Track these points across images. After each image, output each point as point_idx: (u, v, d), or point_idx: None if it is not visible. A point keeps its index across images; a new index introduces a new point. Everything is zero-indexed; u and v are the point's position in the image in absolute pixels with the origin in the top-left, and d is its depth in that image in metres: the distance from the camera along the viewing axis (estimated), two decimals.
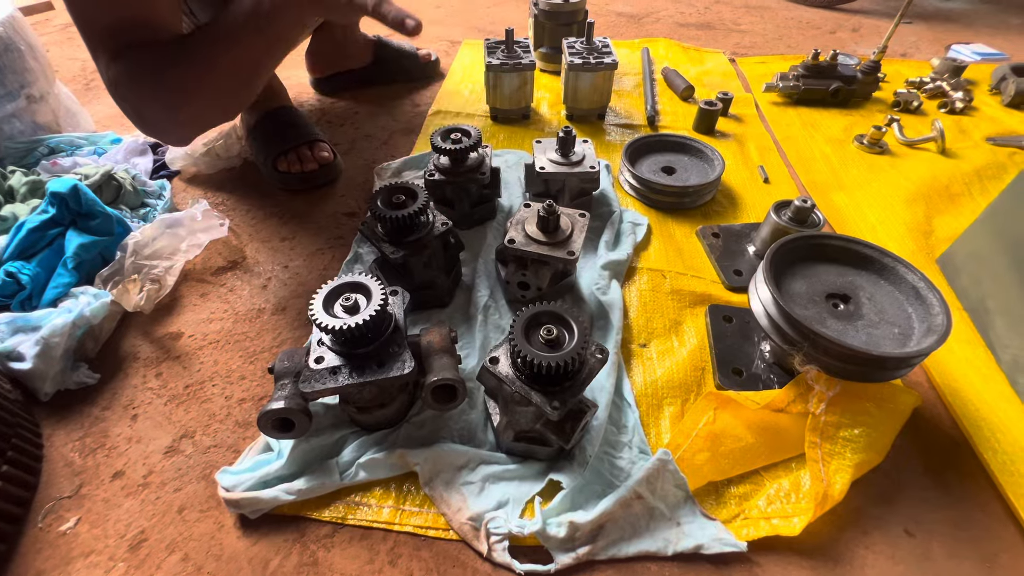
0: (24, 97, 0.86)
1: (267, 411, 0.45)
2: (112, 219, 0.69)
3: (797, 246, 0.57)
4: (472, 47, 1.36)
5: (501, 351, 0.47)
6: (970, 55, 1.29)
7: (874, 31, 1.49)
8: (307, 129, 0.89)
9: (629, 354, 0.61)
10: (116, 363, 0.61)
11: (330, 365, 0.46)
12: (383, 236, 0.59)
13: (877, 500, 0.49)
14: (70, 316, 0.57)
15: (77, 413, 0.57)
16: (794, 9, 1.67)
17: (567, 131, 0.73)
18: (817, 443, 0.49)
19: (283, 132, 0.87)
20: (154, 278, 0.66)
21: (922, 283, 0.53)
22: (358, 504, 0.48)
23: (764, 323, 0.53)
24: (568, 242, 0.61)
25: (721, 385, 0.57)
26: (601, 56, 0.95)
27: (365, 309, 0.45)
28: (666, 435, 0.54)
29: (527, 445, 0.50)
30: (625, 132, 1.01)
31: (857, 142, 0.97)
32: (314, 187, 0.88)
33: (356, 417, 0.52)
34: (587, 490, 0.48)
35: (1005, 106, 1.08)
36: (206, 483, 0.51)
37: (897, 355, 0.47)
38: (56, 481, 0.51)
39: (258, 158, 0.89)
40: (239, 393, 0.59)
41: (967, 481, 0.51)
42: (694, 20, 1.58)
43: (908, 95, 1.07)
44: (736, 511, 0.48)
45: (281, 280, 0.72)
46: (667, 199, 0.81)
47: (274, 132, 0.88)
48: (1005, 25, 1.54)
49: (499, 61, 0.95)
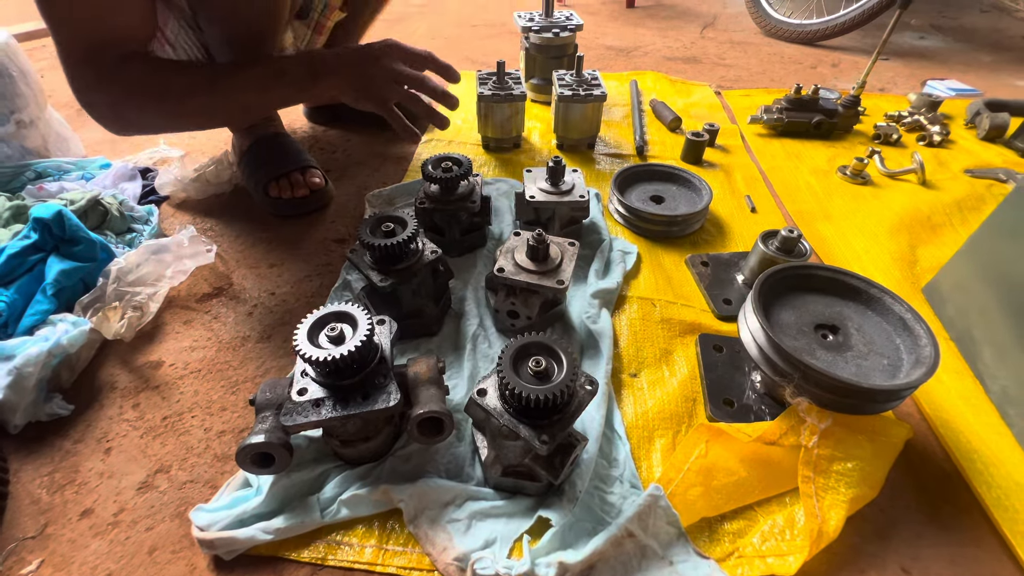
0: (14, 122, 0.85)
1: (246, 445, 0.43)
2: (96, 245, 0.68)
3: (785, 276, 0.58)
4: (465, 77, 1.38)
5: (489, 383, 0.46)
6: (945, 91, 1.34)
7: (853, 67, 1.55)
8: (299, 155, 0.89)
9: (620, 384, 0.61)
10: (92, 393, 0.59)
11: (313, 397, 0.45)
12: (372, 264, 0.59)
13: (872, 537, 0.48)
14: (46, 345, 0.56)
15: (48, 446, 0.54)
16: (776, 45, 1.74)
17: (556, 161, 0.74)
18: (811, 477, 0.48)
19: (275, 158, 0.88)
20: (136, 305, 0.65)
21: (909, 314, 0.53)
22: (339, 543, 0.46)
23: (754, 353, 0.53)
24: (558, 271, 0.61)
25: (712, 416, 0.57)
26: (590, 88, 0.97)
27: (350, 340, 0.44)
28: (657, 468, 0.52)
29: (516, 480, 0.48)
30: (615, 161, 1.03)
31: (840, 173, 1.00)
32: (305, 213, 0.87)
33: (339, 451, 0.50)
34: (577, 527, 0.47)
35: (981, 139, 1.11)
36: (180, 521, 0.48)
37: (888, 387, 0.46)
38: (20, 520, 0.49)
39: (249, 183, 0.89)
40: (219, 425, 0.57)
41: (962, 515, 0.50)
42: (681, 54, 1.63)
43: (888, 128, 1.10)
44: (730, 549, 0.47)
45: (267, 307, 0.71)
46: (656, 228, 0.82)
47: (266, 157, 0.88)
48: (977, 62, 1.61)
49: (490, 92, 0.96)
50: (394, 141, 1.10)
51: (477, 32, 1.80)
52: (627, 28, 1.86)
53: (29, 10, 0.62)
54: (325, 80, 0.68)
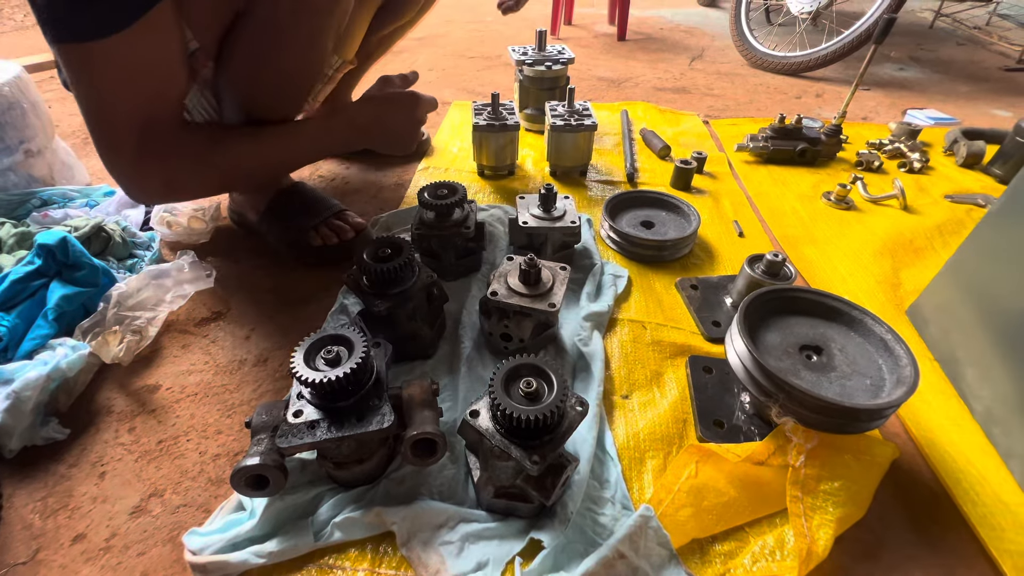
0: (22, 152, 0.88)
1: (241, 468, 0.44)
2: (98, 270, 0.69)
3: (770, 299, 0.59)
4: (461, 107, 1.43)
5: (482, 404, 0.47)
6: (924, 119, 1.39)
7: (836, 96, 1.61)
8: (329, 200, 0.86)
9: (611, 405, 0.61)
10: (88, 417, 0.60)
11: (308, 419, 0.45)
12: (368, 288, 0.60)
13: (862, 557, 0.48)
14: (45, 368, 0.56)
15: (42, 471, 0.54)
16: (762, 76, 1.80)
17: (548, 188, 0.77)
18: (799, 497, 0.48)
19: (308, 207, 0.83)
20: (136, 329, 0.66)
21: (889, 335, 0.55)
22: (331, 567, 0.47)
23: (741, 375, 0.54)
24: (549, 294, 0.63)
25: (702, 437, 0.57)
26: (582, 118, 1.01)
27: (346, 362, 0.45)
28: (649, 489, 0.53)
29: (508, 502, 0.49)
30: (606, 188, 1.06)
31: (825, 198, 1.03)
32: (349, 257, 0.79)
33: (334, 473, 0.51)
34: (569, 549, 0.47)
35: (959, 166, 1.15)
36: (172, 546, 0.48)
37: (870, 407, 0.48)
38: (12, 546, 0.49)
39: (282, 237, 0.83)
40: (214, 448, 0.57)
41: (950, 535, 0.50)
42: (670, 85, 1.69)
43: (869, 155, 1.14)
44: (721, 570, 0.47)
45: (264, 331, 0.72)
46: (647, 252, 0.84)
47: (299, 208, 0.83)
48: (955, 93, 1.67)
49: (485, 122, 1.00)
50: (390, 167, 1.13)
51: (473, 64, 1.86)
52: (618, 60, 1.93)
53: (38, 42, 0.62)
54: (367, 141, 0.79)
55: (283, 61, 0.67)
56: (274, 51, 0.65)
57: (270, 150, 0.70)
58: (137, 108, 0.56)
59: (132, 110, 0.56)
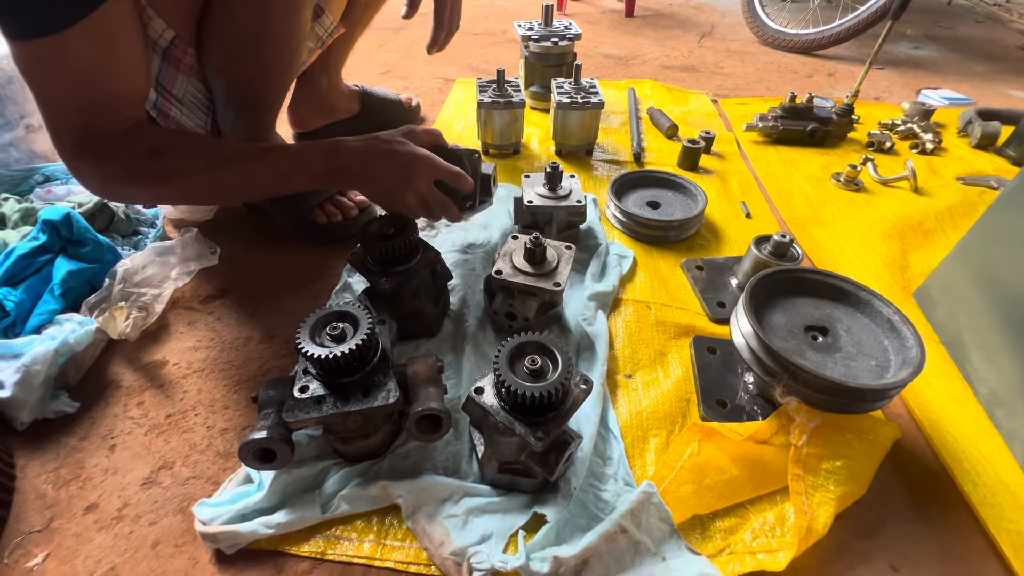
0: (23, 127, 0.87)
1: (249, 441, 0.44)
2: (103, 247, 0.69)
3: (776, 280, 0.59)
4: (465, 85, 1.41)
5: (486, 381, 0.47)
6: (938, 99, 1.36)
7: (848, 75, 1.57)
8: None
9: (615, 385, 0.62)
10: (97, 391, 0.61)
11: (315, 394, 0.46)
12: (372, 266, 0.60)
13: (862, 534, 0.49)
14: (53, 343, 0.57)
15: (54, 443, 0.55)
16: (773, 54, 1.76)
17: (554, 166, 0.76)
18: (800, 475, 0.49)
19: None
20: (142, 306, 0.66)
21: (896, 316, 0.55)
22: (339, 538, 0.47)
23: (746, 355, 0.54)
24: (554, 273, 0.62)
25: (705, 416, 0.58)
26: (588, 96, 0.99)
27: (352, 338, 0.45)
28: (651, 467, 0.53)
29: (511, 477, 0.49)
30: (612, 168, 1.05)
31: (834, 180, 1.01)
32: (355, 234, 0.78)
33: (339, 448, 0.51)
34: (571, 523, 0.48)
35: (973, 147, 1.13)
36: (183, 516, 0.49)
37: (874, 387, 0.48)
38: (27, 515, 0.50)
39: (287, 215, 0.82)
40: (222, 423, 0.58)
41: (950, 514, 0.51)
42: (679, 63, 1.66)
43: (881, 136, 1.12)
44: (721, 545, 0.47)
45: (269, 309, 0.72)
46: (652, 233, 0.84)
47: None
48: (971, 72, 1.63)
49: (490, 99, 0.98)
50: None
51: (478, 40, 1.82)
52: (626, 37, 1.89)
53: None
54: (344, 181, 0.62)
55: (265, 34, 0.65)
56: (253, 25, 0.64)
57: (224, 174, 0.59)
58: (76, 109, 0.53)
59: (71, 110, 0.53)
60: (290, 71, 0.73)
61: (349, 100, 1.07)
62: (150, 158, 0.56)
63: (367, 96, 1.11)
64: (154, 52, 0.61)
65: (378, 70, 1.53)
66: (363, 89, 1.11)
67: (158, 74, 0.63)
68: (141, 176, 0.57)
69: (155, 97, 0.65)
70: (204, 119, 0.71)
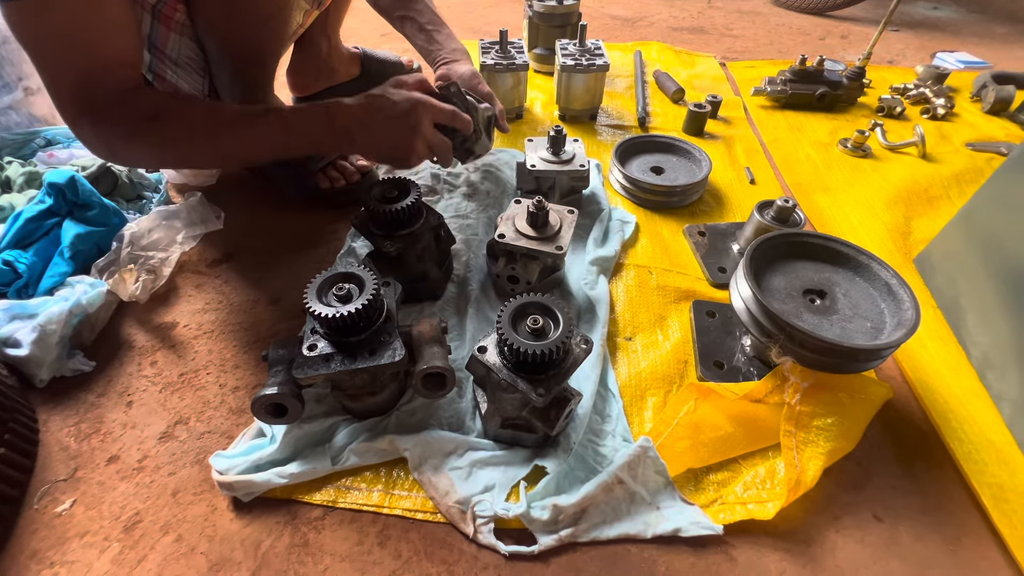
0: (21, 89, 0.86)
1: (261, 396, 0.46)
2: (109, 210, 0.70)
3: (777, 244, 0.59)
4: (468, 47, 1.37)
5: (489, 341, 0.48)
6: (954, 63, 1.32)
7: (862, 38, 1.52)
8: None
9: (615, 347, 0.63)
10: (111, 351, 0.62)
11: (323, 352, 0.47)
12: (377, 230, 0.61)
13: (848, 487, 0.51)
14: (66, 304, 0.58)
15: (72, 399, 0.58)
16: (785, 15, 1.70)
17: (558, 130, 0.75)
18: (792, 431, 0.51)
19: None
20: (150, 268, 0.67)
21: (894, 280, 0.55)
22: (348, 488, 0.50)
23: (744, 317, 0.55)
24: (557, 237, 0.63)
25: (702, 377, 0.59)
26: (593, 58, 0.97)
27: (358, 298, 0.46)
28: (648, 424, 0.55)
29: (513, 432, 0.51)
30: (616, 132, 1.03)
31: (841, 146, 1.00)
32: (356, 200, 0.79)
33: (348, 405, 0.53)
34: (571, 475, 0.50)
35: (985, 113, 1.11)
36: (200, 467, 0.52)
37: (868, 347, 0.49)
38: (52, 465, 0.52)
39: (290, 179, 0.82)
40: (233, 381, 0.60)
41: (935, 470, 0.53)
42: (687, 24, 1.61)
43: (892, 101, 1.10)
44: (714, 496, 0.50)
45: (275, 272, 0.73)
46: (655, 198, 0.83)
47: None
48: (990, 34, 1.58)
49: (493, 61, 0.96)
50: None
51: (481, 1, 1.77)
52: None
53: None
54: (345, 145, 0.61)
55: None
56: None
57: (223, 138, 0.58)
58: (70, 69, 0.52)
59: (65, 71, 0.52)
60: (282, 27, 0.71)
61: (349, 63, 1.05)
62: (150, 122, 0.55)
63: (367, 59, 1.08)
64: (144, 10, 0.60)
65: (378, 32, 1.49)
66: (363, 52, 1.08)
67: (150, 34, 0.63)
68: (141, 140, 0.56)
69: (149, 59, 0.64)
70: (200, 81, 0.70)
